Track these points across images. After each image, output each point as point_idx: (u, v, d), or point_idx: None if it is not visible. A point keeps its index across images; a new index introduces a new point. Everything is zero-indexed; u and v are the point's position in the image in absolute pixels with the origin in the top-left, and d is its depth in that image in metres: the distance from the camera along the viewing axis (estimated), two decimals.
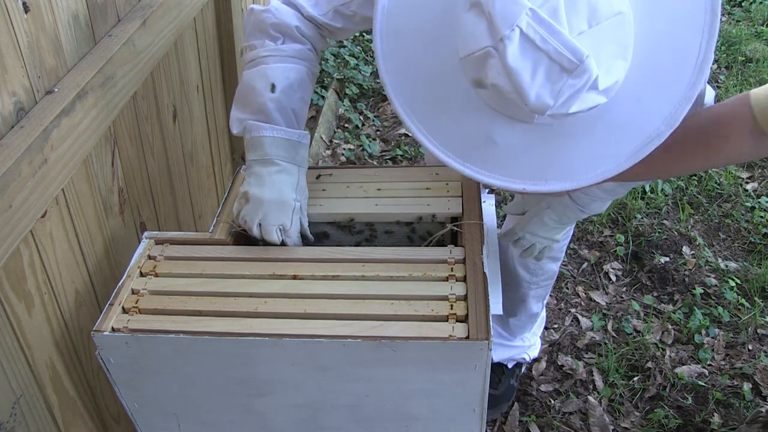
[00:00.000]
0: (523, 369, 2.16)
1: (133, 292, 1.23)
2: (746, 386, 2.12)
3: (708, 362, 2.21)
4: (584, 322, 2.36)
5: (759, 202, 2.88)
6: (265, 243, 1.33)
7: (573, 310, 2.41)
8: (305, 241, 1.36)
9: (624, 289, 2.50)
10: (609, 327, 2.34)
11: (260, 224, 1.28)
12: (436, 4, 1.10)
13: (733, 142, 1.19)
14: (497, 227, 1.63)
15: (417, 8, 1.12)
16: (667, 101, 1.03)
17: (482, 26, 0.97)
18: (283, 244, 1.30)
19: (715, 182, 2.98)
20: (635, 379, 2.15)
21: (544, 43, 0.93)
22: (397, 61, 1.13)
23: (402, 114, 1.13)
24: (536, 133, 1.07)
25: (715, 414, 2.03)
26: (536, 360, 2.19)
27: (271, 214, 1.27)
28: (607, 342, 2.27)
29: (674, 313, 2.37)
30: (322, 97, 3.31)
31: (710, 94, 1.30)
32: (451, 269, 1.22)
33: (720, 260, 2.60)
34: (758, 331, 2.32)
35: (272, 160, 1.29)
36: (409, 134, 1.14)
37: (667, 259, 2.59)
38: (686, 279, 2.51)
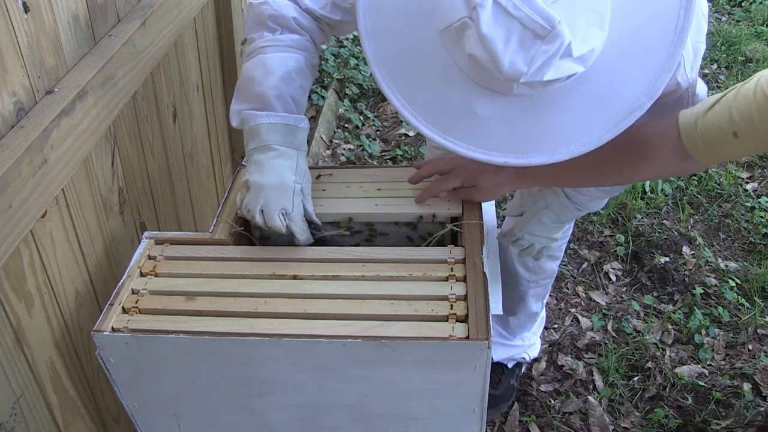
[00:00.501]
0: (523, 369, 2.16)
1: (133, 292, 1.23)
2: (746, 386, 2.12)
3: (708, 362, 2.21)
4: (584, 322, 2.36)
5: (759, 202, 2.88)
6: (264, 242, 1.32)
7: (573, 310, 2.41)
8: (312, 226, 1.34)
9: (624, 289, 2.51)
10: (609, 327, 2.34)
11: (262, 211, 1.28)
12: None
13: (659, 158, 1.21)
14: (497, 227, 1.63)
15: None
16: (647, 72, 1.04)
17: None
18: (288, 231, 1.29)
19: (715, 182, 2.98)
20: (635, 379, 2.15)
21: (516, 10, 0.94)
22: (380, 37, 1.14)
23: (385, 89, 1.14)
24: (516, 105, 1.08)
25: (716, 414, 2.03)
26: (536, 360, 2.19)
27: (272, 198, 1.27)
28: (607, 342, 2.27)
29: (674, 313, 2.37)
30: (322, 97, 3.31)
31: (703, 89, 1.30)
32: (451, 269, 1.22)
33: (720, 260, 2.60)
34: (758, 331, 2.32)
35: (269, 145, 1.29)
36: (400, 116, 1.15)
37: (667, 259, 2.59)
38: (686, 279, 2.51)
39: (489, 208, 1.54)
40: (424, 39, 1.10)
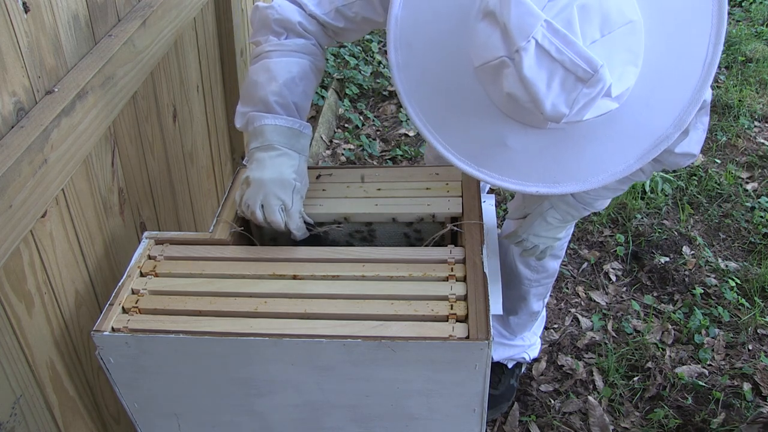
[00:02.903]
0: (523, 369, 2.16)
1: (133, 292, 1.23)
2: (746, 386, 2.12)
3: (708, 362, 2.21)
4: (584, 322, 2.36)
5: (759, 202, 2.88)
6: (264, 241, 1.32)
7: (573, 310, 2.41)
8: (306, 225, 1.35)
9: (624, 289, 2.50)
10: (609, 327, 2.34)
11: (262, 206, 1.28)
12: (449, 14, 1.11)
13: None
14: (497, 227, 1.63)
15: (430, 18, 1.14)
16: (676, 104, 1.06)
17: (496, 36, 0.98)
18: (287, 228, 1.30)
19: (715, 182, 2.98)
20: (635, 379, 2.15)
21: (559, 53, 0.94)
22: (411, 70, 1.15)
23: (417, 122, 1.15)
24: (549, 137, 1.10)
25: (715, 414, 2.03)
26: (536, 360, 2.19)
27: (271, 193, 1.28)
28: (607, 342, 2.27)
29: (674, 313, 2.37)
30: (322, 97, 3.31)
31: (708, 94, 1.30)
32: (451, 269, 1.22)
33: (720, 260, 2.60)
34: (758, 331, 2.32)
35: (273, 145, 1.31)
36: (424, 140, 1.17)
37: (667, 259, 2.59)
38: (686, 279, 2.51)
39: (489, 208, 1.54)
40: (456, 73, 1.11)
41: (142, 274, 1.26)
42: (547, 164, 1.12)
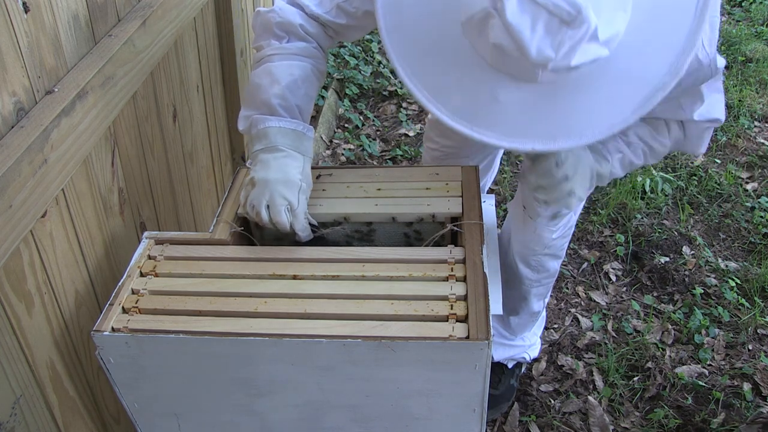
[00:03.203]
0: (523, 369, 2.16)
1: (133, 292, 1.23)
2: (746, 386, 2.12)
3: (708, 362, 2.21)
4: (584, 322, 2.36)
5: (759, 202, 2.88)
6: (264, 241, 1.32)
7: (573, 310, 2.41)
8: (311, 226, 1.36)
9: (624, 289, 2.50)
10: (609, 327, 2.34)
11: (268, 206, 1.28)
12: None
13: None
14: (497, 227, 1.63)
15: None
16: (670, 51, 1.04)
17: None
18: (291, 229, 1.30)
19: (715, 182, 2.98)
20: (635, 379, 2.15)
21: None
22: (400, 33, 1.15)
23: (409, 84, 1.14)
24: (541, 92, 1.08)
25: (715, 414, 2.03)
26: (536, 360, 2.19)
27: (277, 193, 1.28)
28: (607, 342, 2.27)
29: (674, 313, 2.37)
30: (322, 97, 3.31)
31: (721, 62, 1.29)
32: (451, 269, 1.22)
33: (720, 260, 2.60)
34: (758, 331, 2.32)
35: (277, 147, 1.31)
36: (428, 112, 1.15)
37: (667, 259, 2.59)
38: (686, 279, 2.51)
39: (489, 208, 1.54)
40: (444, 31, 1.10)
41: (142, 274, 1.26)
42: (542, 121, 1.10)
